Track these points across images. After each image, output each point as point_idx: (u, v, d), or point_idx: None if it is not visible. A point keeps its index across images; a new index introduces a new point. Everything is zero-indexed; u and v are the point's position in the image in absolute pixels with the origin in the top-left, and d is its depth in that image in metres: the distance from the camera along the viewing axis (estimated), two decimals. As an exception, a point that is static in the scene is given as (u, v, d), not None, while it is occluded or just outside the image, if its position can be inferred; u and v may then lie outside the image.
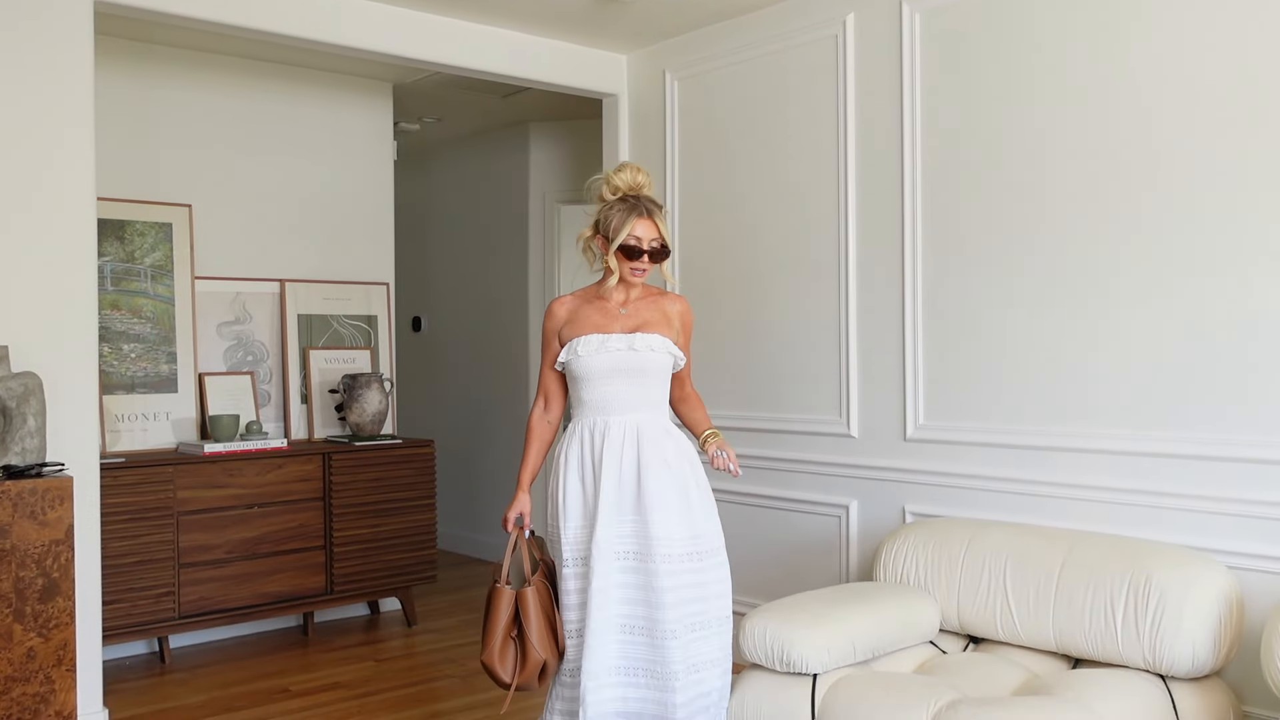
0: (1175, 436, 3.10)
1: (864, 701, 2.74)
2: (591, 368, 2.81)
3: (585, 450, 2.82)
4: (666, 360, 2.87)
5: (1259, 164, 2.94)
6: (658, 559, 2.71)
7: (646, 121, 4.83)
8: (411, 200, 6.74)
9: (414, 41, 4.28)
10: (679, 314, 2.97)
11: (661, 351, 2.85)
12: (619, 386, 2.82)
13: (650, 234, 2.83)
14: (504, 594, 2.80)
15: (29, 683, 2.95)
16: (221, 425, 4.51)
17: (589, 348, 2.82)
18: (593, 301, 2.92)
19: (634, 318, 2.88)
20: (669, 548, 2.72)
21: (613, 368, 2.81)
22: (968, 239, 3.60)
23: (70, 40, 3.42)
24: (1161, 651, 2.76)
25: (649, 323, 2.87)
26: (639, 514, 2.74)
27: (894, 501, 3.81)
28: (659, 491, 2.74)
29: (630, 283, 2.89)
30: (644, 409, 2.83)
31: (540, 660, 2.77)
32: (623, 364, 2.81)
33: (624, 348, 2.82)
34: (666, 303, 2.96)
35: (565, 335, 2.90)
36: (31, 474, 3.03)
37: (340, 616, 5.11)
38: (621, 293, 2.91)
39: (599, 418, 2.82)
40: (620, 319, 2.88)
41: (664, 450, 2.79)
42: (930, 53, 3.70)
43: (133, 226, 4.59)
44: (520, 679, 2.78)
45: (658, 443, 2.79)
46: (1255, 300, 2.95)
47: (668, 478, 2.76)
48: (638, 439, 2.78)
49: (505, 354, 6.31)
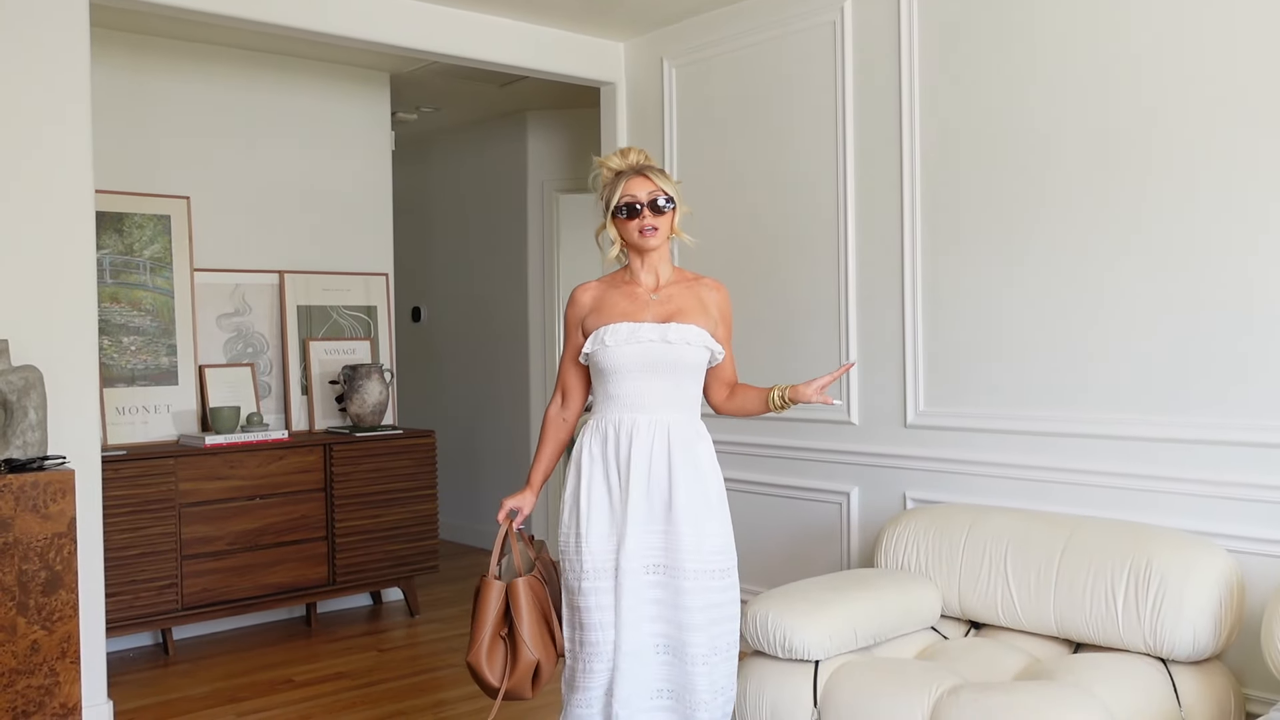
0: (1175, 421, 3.10)
1: (866, 687, 2.75)
2: (620, 360, 2.51)
3: (610, 450, 2.52)
4: (702, 355, 2.57)
5: (1258, 148, 2.93)
6: (688, 574, 2.45)
7: (644, 109, 4.82)
8: (410, 190, 6.72)
9: (411, 31, 4.26)
10: (716, 303, 2.65)
11: (698, 345, 2.54)
12: (650, 382, 2.52)
13: (646, 188, 2.54)
14: (493, 586, 2.57)
15: (33, 675, 2.96)
16: (222, 417, 4.51)
17: (617, 338, 2.51)
18: (620, 287, 2.62)
19: (667, 304, 2.58)
20: (698, 562, 2.46)
21: (644, 360, 2.51)
22: (967, 225, 3.60)
23: (66, 32, 3.41)
24: (1162, 635, 2.77)
25: (684, 310, 2.57)
26: (669, 524, 2.47)
27: (895, 488, 3.82)
28: (690, 500, 2.48)
29: (644, 248, 2.57)
30: (676, 408, 2.54)
31: (533, 661, 2.54)
32: (655, 357, 2.51)
33: (656, 339, 2.51)
34: (703, 289, 2.64)
35: (590, 325, 2.59)
36: (33, 467, 3.03)
37: (343, 607, 5.12)
38: (651, 276, 2.61)
39: (626, 415, 2.52)
40: (652, 306, 2.57)
41: (697, 455, 2.52)
42: (929, 37, 3.69)
43: (131, 219, 4.58)
44: (510, 682, 2.55)
45: (690, 447, 2.52)
46: (1255, 285, 2.95)
47: (699, 486, 2.50)
48: (668, 441, 2.49)
49: (505, 343, 6.31)
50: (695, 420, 2.58)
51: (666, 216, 2.57)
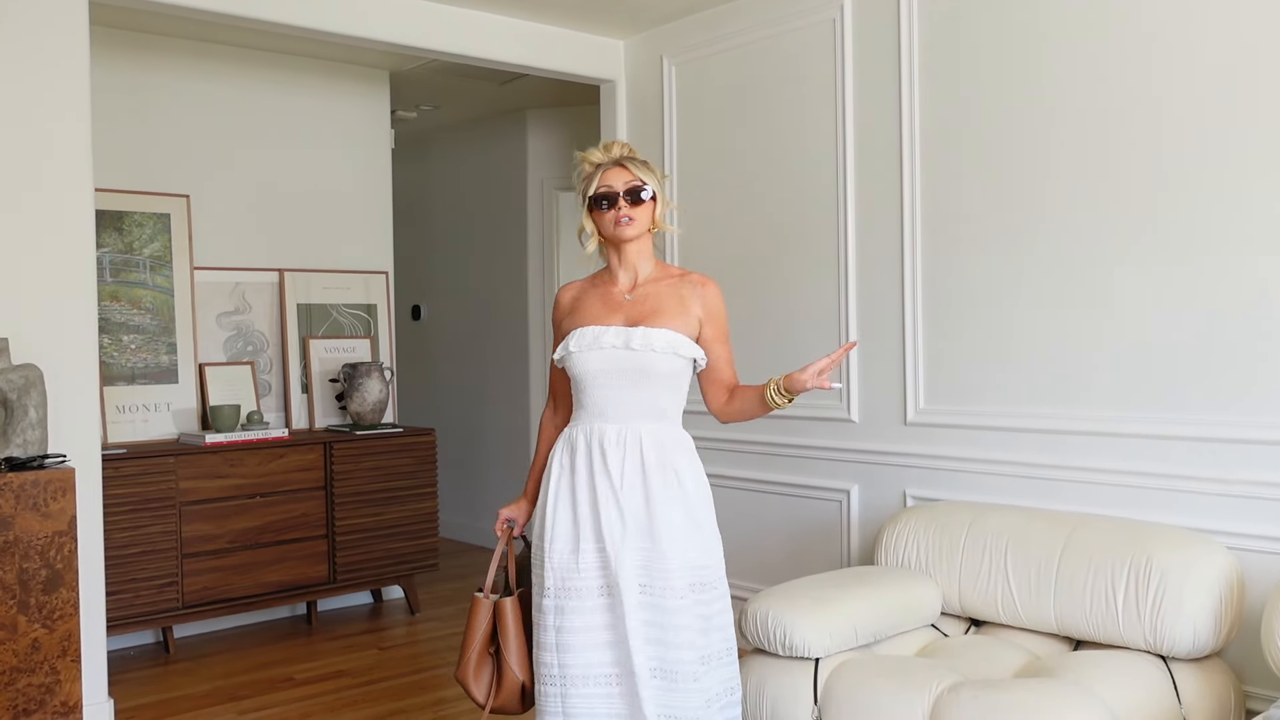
0: (1175, 418, 3.10)
1: (866, 685, 2.75)
2: (584, 367, 2.38)
3: (580, 462, 2.38)
4: (673, 363, 2.38)
5: (1265, 144, 2.92)
6: (672, 593, 2.30)
7: (644, 107, 4.81)
8: (409, 189, 6.72)
9: (411, 29, 4.26)
10: (702, 300, 2.43)
11: (665, 352, 2.35)
12: (617, 391, 2.36)
13: (623, 178, 2.39)
14: (482, 605, 2.50)
15: (34, 674, 2.96)
16: (222, 415, 4.51)
17: (582, 343, 2.38)
18: (599, 286, 2.49)
19: (640, 306, 2.41)
20: (682, 579, 2.32)
21: (606, 369, 2.36)
22: (968, 222, 3.59)
23: (66, 30, 3.41)
24: (1162, 632, 2.77)
25: (659, 312, 2.39)
26: (652, 540, 2.32)
27: (895, 486, 3.82)
28: (669, 515, 2.33)
29: (619, 239, 2.41)
30: (647, 418, 2.38)
31: (518, 683, 2.46)
32: (617, 364, 2.36)
33: (620, 345, 2.35)
34: (686, 287, 2.43)
35: (565, 327, 2.49)
36: (33, 466, 3.03)
37: (343, 605, 5.12)
38: (629, 274, 2.45)
39: (595, 424, 2.38)
40: (624, 308, 2.42)
41: (677, 467, 2.37)
42: (929, 34, 3.69)
43: (131, 217, 4.58)
44: (496, 701, 2.48)
45: (667, 459, 2.36)
46: (1255, 281, 2.94)
47: (680, 500, 2.35)
48: (641, 453, 2.35)
49: (505, 341, 6.31)
50: (673, 429, 2.42)
51: (645, 207, 2.41)
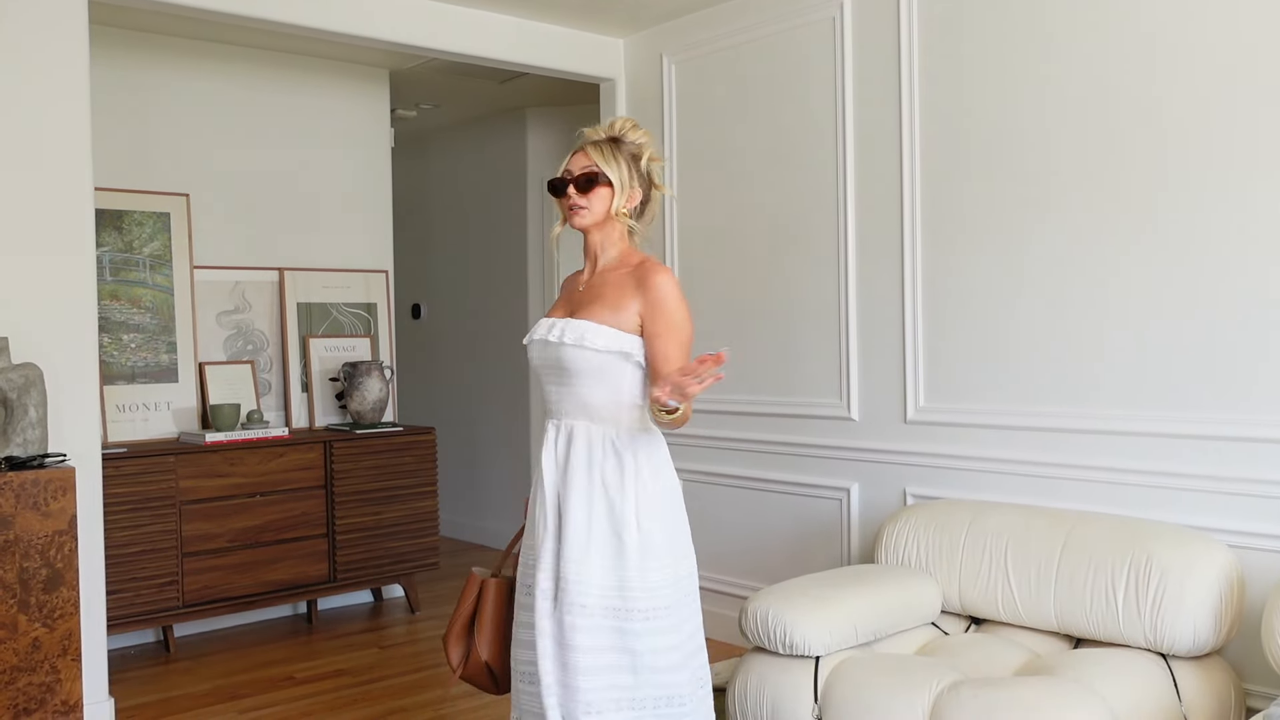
0: (1176, 416, 3.10)
1: (867, 683, 2.75)
2: (530, 361, 2.35)
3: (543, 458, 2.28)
4: (594, 359, 2.20)
5: (1265, 144, 2.92)
6: (572, 608, 2.14)
7: (644, 106, 4.81)
8: (409, 187, 6.72)
9: (411, 27, 4.25)
10: (641, 289, 2.22)
11: (581, 346, 2.20)
12: (552, 387, 2.29)
13: (580, 163, 2.32)
14: (473, 579, 2.49)
15: (34, 673, 2.96)
16: (222, 414, 4.51)
17: (533, 335, 2.35)
18: (577, 277, 2.44)
19: (585, 296, 2.31)
20: (583, 596, 2.14)
21: (538, 363, 2.32)
22: (968, 220, 3.59)
23: (65, 29, 3.41)
24: (1163, 631, 2.77)
25: (592, 304, 2.26)
26: (561, 546, 2.19)
27: (895, 484, 3.82)
28: (581, 523, 2.17)
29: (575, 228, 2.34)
30: (579, 416, 2.24)
31: (482, 662, 2.41)
32: (545, 358, 2.29)
33: (549, 338, 2.27)
34: (632, 277, 2.27)
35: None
36: (34, 465, 3.03)
37: (343, 604, 5.12)
38: (590, 265, 2.37)
39: (548, 420, 2.32)
40: (575, 299, 2.34)
41: (603, 471, 2.20)
42: (929, 32, 3.68)
43: (130, 216, 4.58)
44: (464, 672, 2.47)
45: (593, 460, 2.20)
46: (1257, 279, 2.94)
47: (601, 507, 2.18)
48: (569, 452, 2.22)
49: (505, 340, 6.31)
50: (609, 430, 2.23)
51: (599, 195, 2.29)
